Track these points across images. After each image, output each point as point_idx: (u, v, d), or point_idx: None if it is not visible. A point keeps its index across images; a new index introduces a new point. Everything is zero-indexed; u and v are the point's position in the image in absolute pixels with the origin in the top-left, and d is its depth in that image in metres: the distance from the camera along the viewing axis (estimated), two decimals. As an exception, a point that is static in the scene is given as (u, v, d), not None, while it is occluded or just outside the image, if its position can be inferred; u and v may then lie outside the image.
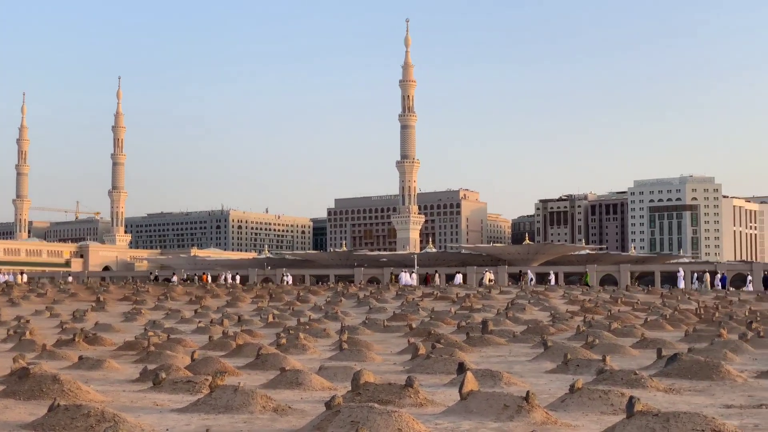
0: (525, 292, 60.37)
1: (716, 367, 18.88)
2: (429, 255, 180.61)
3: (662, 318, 39.45)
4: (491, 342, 28.18)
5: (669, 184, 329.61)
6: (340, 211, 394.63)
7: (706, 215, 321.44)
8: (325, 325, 36.03)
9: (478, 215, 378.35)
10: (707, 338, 28.61)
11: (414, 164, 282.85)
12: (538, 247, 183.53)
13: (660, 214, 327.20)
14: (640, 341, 27.50)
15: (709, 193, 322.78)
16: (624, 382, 17.02)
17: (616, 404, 13.89)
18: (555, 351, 23.21)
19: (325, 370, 19.09)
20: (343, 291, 63.13)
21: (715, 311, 45.09)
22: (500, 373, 17.94)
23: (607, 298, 56.31)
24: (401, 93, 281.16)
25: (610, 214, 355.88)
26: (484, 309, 46.76)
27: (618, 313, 42.83)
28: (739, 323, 36.49)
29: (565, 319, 39.15)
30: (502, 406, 13.24)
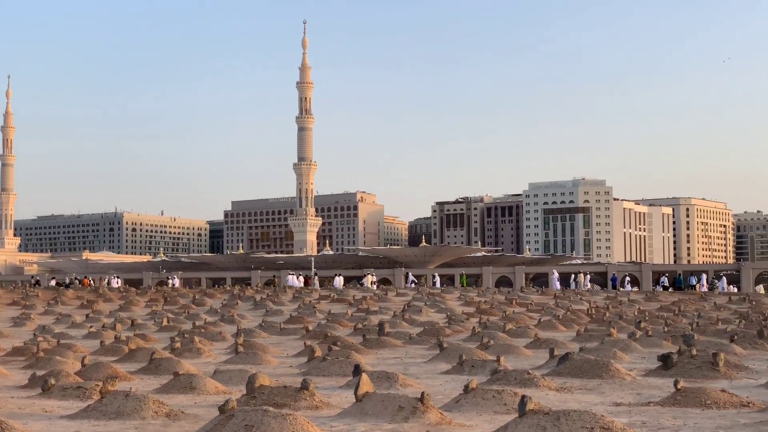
0: (422, 294, 60.78)
1: (606, 365, 19.30)
2: (326, 257, 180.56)
3: (555, 318, 40.16)
4: (387, 344, 28.28)
5: (562, 186, 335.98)
6: (237, 214, 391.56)
7: (598, 217, 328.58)
8: (221, 329, 35.69)
9: (375, 217, 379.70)
10: (598, 338, 29.22)
11: (311, 166, 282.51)
12: (435, 250, 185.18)
13: (554, 216, 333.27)
14: (534, 341, 27.94)
15: (600, 195, 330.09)
16: (517, 381, 17.26)
17: (509, 404, 14.07)
18: (450, 352, 23.41)
19: (220, 374, 18.89)
20: (239, 294, 62.61)
21: (606, 311, 46.10)
22: (396, 375, 18.01)
23: (502, 299, 57.09)
24: (298, 95, 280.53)
25: (506, 217, 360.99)
26: (381, 311, 46.92)
27: (512, 314, 43.44)
28: (628, 323, 37.38)
29: (461, 321, 39.54)
30: (397, 407, 13.29)
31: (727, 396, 14.91)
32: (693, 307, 50.97)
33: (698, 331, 32.20)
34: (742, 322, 38.87)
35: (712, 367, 19.32)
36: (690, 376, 18.77)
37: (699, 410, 14.22)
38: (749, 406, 14.61)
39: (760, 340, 27.80)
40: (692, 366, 19.53)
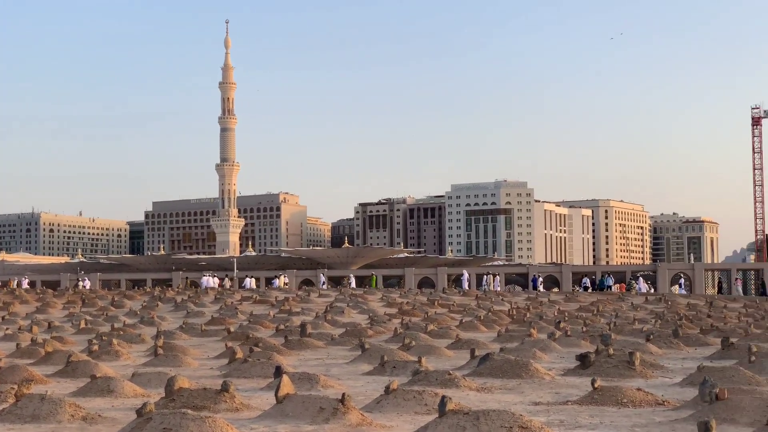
0: (344, 295, 60.76)
1: (526, 365, 19.51)
2: (249, 258, 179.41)
3: (477, 319, 40.46)
4: (310, 345, 28.21)
5: (484, 188, 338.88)
6: (158, 215, 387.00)
7: (520, 219, 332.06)
8: (141, 331, 35.22)
9: (298, 219, 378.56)
10: (518, 338, 29.52)
11: (234, 167, 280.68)
12: (358, 251, 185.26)
13: (476, 217, 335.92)
14: (455, 342, 28.11)
15: (522, 197, 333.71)
16: (438, 382, 17.36)
17: (429, 404, 14.13)
18: (372, 353, 23.45)
19: (139, 377, 18.65)
20: (160, 295, 61.86)
21: (527, 312, 46.60)
22: (317, 376, 17.97)
23: (424, 300, 57.33)
24: (221, 95, 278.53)
25: (428, 218, 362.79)
26: (303, 312, 46.79)
27: (434, 315, 43.66)
28: (548, 323, 37.85)
29: (383, 322, 39.62)
30: (318, 408, 13.26)
31: (642, 394, 15.19)
32: (611, 308, 51.78)
33: (615, 331, 32.74)
34: (658, 321, 39.65)
35: (628, 366, 19.65)
36: (607, 375, 19.08)
37: (615, 409, 14.45)
38: (664, 404, 14.90)
39: (675, 339, 28.37)
40: (609, 365, 19.85)
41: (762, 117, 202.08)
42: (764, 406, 12.38)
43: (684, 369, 21.03)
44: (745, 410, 12.54)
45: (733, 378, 17.20)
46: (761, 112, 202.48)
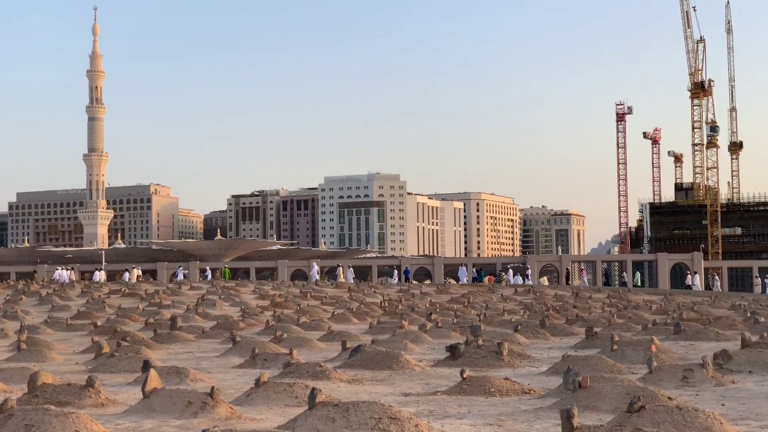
0: (216, 288, 60.13)
1: (396, 357, 19.66)
2: (118, 251, 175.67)
3: (349, 311, 40.59)
4: (180, 338, 27.83)
5: (357, 180, 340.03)
6: (23, 206, 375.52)
7: (392, 211, 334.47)
8: (4, 325, 34.10)
9: (169, 210, 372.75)
10: (390, 330, 29.72)
11: (102, 158, 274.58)
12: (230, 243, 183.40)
13: (349, 209, 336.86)
14: (327, 334, 28.15)
15: (395, 190, 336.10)
16: (309, 374, 17.34)
17: (300, 396, 14.10)
18: (243, 346, 23.28)
19: (1, 373, 18.07)
20: (24, 289, 60.04)
21: (399, 304, 46.98)
22: (187, 370, 17.73)
23: (297, 292, 57.21)
24: (89, 84, 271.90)
25: (302, 210, 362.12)
26: (174, 305, 46.13)
27: (307, 308, 43.60)
28: (419, 315, 38.25)
29: (256, 314, 39.38)
30: (186, 402, 13.09)
31: (509, 384, 15.48)
32: (482, 299, 52.64)
33: (485, 322, 33.31)
34: (527, 312, 40.51)
35: (496, 357, 20.01)
36: (476, 365, 19.38)
37: (483, 398, 14.70)
38: (530, 393, 15.23)
39: (542, 329, 29.03)
40: (478, 356, 20.17)
41: (626, 113, 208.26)
42: (624, 394, 12.77)
43: (550, 358, 21.53)
44: (606, 397, 12.91)
45: (596, 366, 17.69)
46: (625, 108, 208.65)
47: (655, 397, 12.60)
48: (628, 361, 19.65)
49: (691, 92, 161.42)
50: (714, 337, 26.00)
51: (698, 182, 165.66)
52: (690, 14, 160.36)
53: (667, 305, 47.49)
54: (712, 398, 14.28)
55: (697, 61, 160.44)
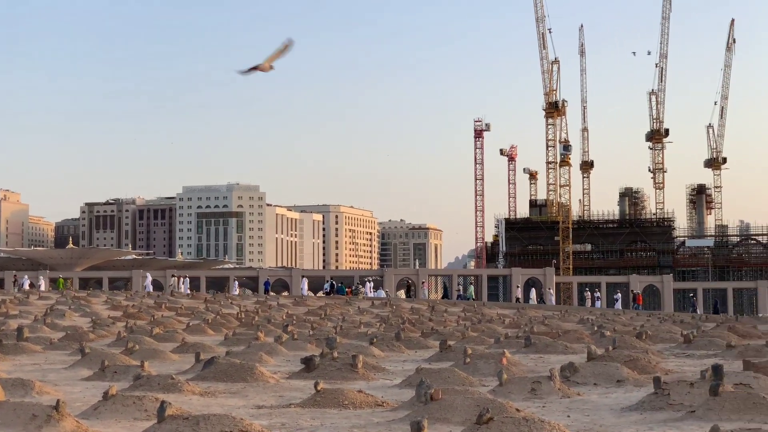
0: (66, 298, 58.44)
1: (251, 369, 19.50)
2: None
3: (204, 323, 40.04)
4: (26, 350, 26.93)
5: (217, 190, 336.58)
6: None
7: (251, 222, 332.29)
8: None
9: (18, 217, 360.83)
10: (245, 341, 29.45)
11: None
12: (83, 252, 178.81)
13: (207, 220, 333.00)
14: (181, 346, 27.70)
15: (254, 200, 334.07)
16: (161, 387, 17.03)
17: (150, 410, 13.83)
18: (93, 358, 22.69)
19: None
20: None
21: (255, 315, 46.63)
22: (32, 382, 17.16)
23: (152, 303, 56.12)
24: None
25: (159, 219, 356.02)
26: (21, 315, 44.61)
27: (161, 318, 42.82)
28: (276, 326, 38.04)
29: (107, 325, 38.42)
30: (31, 416, 12.67)
31: (363, 396, 15.55)
32: (338, 311, 52.75)
33: (342, 335, 33.35)
34: (383, 325, 40.79)
35: (351, 369, 20.08)
36: (331, 377, 19.40)
37: (337, 410, 14.72)
38: (383, 405, 15.32)
39: (397, 342, 29.27)
40: (333, 368, 20.20)
41: (484, 130, 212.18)
42: (474, 406, 12.99)
43: (404, 371, 21.72)
44: (457, 410, 13.11)
45: (448, 379, 17.94)
46: (483, 125, 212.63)
47: (504, 408, 12.86)
48: (480, 373, 19.99)
49: (546, 111, 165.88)
50: (562, 350, 26.73)
51: (552, 199, 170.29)
52: (546, 36, 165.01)
53: (519, 319, 48.60)
54: (558, 410, 14.66)
55: (551, 82, 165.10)
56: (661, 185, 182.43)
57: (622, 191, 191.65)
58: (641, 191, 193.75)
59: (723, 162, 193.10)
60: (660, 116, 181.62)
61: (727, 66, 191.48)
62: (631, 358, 20.94)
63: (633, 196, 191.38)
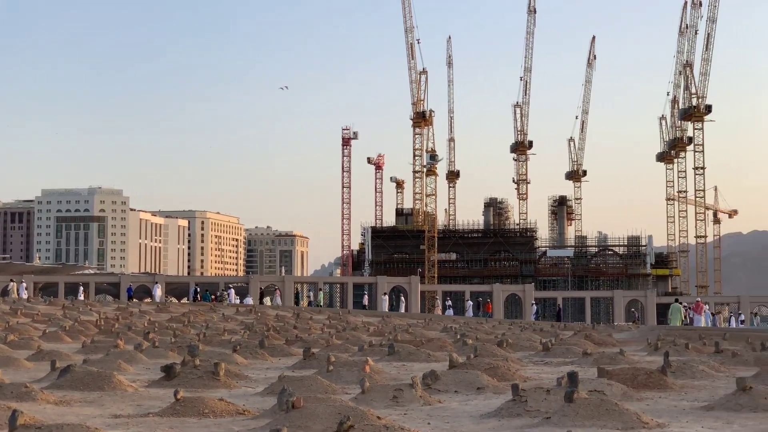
0: None
1: (109, 377, 19.05)
2: None
3: (62, 330, 38.96)
4: None
5: (77, 194, 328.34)
6: None
7: (114, 227, 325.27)
8: None
9: None
10: (104, 349, 28.77)
11: None
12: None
13: (68, 224, 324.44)
14: (36, 353, 26.89)
15: (117, 205, 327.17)
16: (14, 395, 16.47)
17: (1, 418, 13.35)
18: (-59, 366, 21.80)
19: None
20: None
21: (116, 322, 45.64)
22: None
23: (7, 309, 54.30)
24: None
25: (16, 223, 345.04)
26: None
27: (17, 325, 41.47)
28: (137, 333, 37.30)
29: (-42, 332, 36.99)
30: None
31: (224, 405, 15.36)
32: (202, 318, 52.09)
33: (205, 342, 32.95)
34: (247, 332, 40.45)
35: (213, 377, 19.82)
36: (192, 386, 19.10)
37: (196, 419, 14.50)
38: (245, 413, 15.18)
39: (261, 350, 29.06)
40: (194, 376, 19.90)
41: (351, 138, 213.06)
42: (336, 413, 12.98)
43: (267, 379, 21.57)
44: (318, 418, 13.08)
45: (311, 387, 17.89)
46: (351, 134, 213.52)
47: (365, 416, 12.89)
48: (342, 381, 20.01)
49: (414, 121, 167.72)
50: (425, 358, 26.99)
51: (418, 208, 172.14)
52: (414, 47, 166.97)
53: (384, 327, 48.90)
54: (419, 417, 14.79)
55: (419, 92, 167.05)
56: (524, 196, 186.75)
57: (487, 201, 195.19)
58: (505, 202, 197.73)
59: (583, 174, 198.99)
60: (524, 128, 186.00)
61: (588, 81, 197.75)
62: (491, 366, 21.31)
63: (497, 206, 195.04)
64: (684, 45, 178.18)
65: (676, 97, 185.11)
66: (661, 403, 16.31)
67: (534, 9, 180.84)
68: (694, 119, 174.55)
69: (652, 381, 18.63)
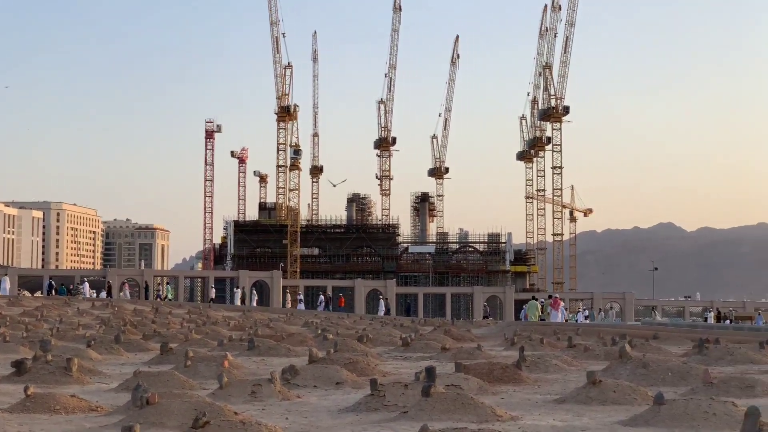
0: None
1: (-46, 373, 18.34)
2: None
3: None
4: None
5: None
6: None
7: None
8: None
9: None
10: (-49, 344, 27.71)
11: None
12: None
13: None
14: None
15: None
16: None
17: None
18: None
19: None
20: None
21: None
22: None
23: None
24: None
25: None
26: None
27: None
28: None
29: None
30: None
31: (76, 401, 14.98)
32: (56, 313, 50.68)
33: (58, 337, 32.10)
34: (103, 327, 39.56)
35: (65, 373, 19.31)
36: (43, 382, 18.56)
37: (47, 416, 14.10)
38: (97, 410, 14.83)
39: (116, 345, 28.46)
40: (46, 372, 19.34)
41: (215, 131, 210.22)
42: (192, 409, 12.81)
43: (122, 374, 21.13)
44: (173, 414, 12.88)
45: (167, 382, 17.61)
46: (214, 126, 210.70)
47: (222, 412, 12.77)
48: (201, 376, 19.76)
49: (278, 115, 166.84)
50: (285, 353, 26.91)
51: (281, 203, 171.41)
52: (280, 40, 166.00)
53: (245, 321, 48.54)
54: (277, 412, 14.73)
55: (284, 86, 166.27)
56: (387, 192, 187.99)
57: (350, 197, 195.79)
58: (368, 197, 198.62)
59: (446, 172, 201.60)
60: (388, 125, 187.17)
61: (451, 80, 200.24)
62: (351, 361, 21.38)
63: (360, 202, 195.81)
64: (544, 47, 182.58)
65: (536, 98, 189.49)
66: (515, 397, 16.68)
67: (399, 6, 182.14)
68: (552, 120, 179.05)
69: (507, 375, 19.03)
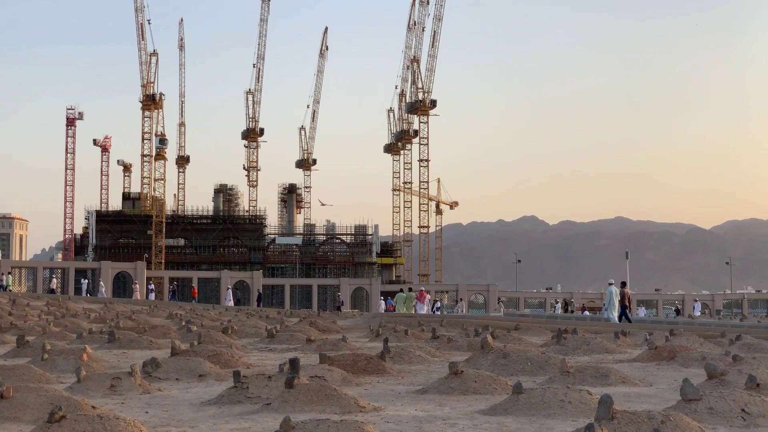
0: None
1: None
2: None
3: None
4: None
5: None
6: None
7: None
8: None
9: None
10: None
11: None
12: None
13: None
14: None
15: None
16: None
17: None
18: None
19: None
20: None
21: None
22: None
23: None
24: None
25: None
26: None
27: None
28: None
29: None
30: None
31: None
32: None
33: None
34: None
35: None
36: None
37: None
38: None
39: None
40: None
41: (76, 118, 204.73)
42: (48, 404, 12.48)
43: (-25, 368, 20.43)
44: (29, 408, 12.53)
45: (23, 376, 17.10)
46: (76, 114, 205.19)
47: (79, 406, 12.46)
48: (58, 370, 19.27)
49: (143, 104, 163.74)
50: (147, 345, 26.45)
51: (146, 193, 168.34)
52: (145, 27, 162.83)
53: (106, 314, 47.53)
54: (137, 406, 14.47)
55: (149, 74, 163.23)
56: (254, 183, 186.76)
57: (217, 188, 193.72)
58: (235, 188, 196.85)
59: (313, 163, 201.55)
60: (256, 116, 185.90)
61: (320, 71, 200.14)
62: (214, 353, 21.17)
63: (227, 192, 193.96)
64: (412, 41, 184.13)
65: (404, 91, 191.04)
66: (378, 388, 16.80)
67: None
68: (420, 113, 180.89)
69: (371, 366, 19.15)
